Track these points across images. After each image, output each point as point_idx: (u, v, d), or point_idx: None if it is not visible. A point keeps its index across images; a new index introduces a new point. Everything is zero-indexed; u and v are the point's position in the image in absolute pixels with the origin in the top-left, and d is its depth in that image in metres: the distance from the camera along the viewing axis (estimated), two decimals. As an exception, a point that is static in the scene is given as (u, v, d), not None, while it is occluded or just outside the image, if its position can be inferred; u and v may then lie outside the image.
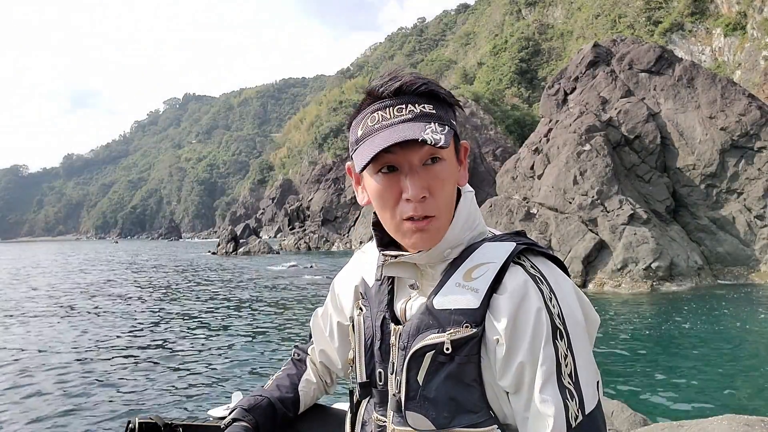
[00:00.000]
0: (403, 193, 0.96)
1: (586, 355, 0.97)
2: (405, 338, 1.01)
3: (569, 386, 0.92)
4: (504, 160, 27.66)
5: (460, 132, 1.07)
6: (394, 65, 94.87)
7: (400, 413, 1.01)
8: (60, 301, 14.95)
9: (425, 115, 0.96)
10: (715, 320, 9.92)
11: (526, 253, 1.02)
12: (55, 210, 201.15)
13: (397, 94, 0.97)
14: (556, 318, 0.94)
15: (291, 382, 1.34)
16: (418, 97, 0.97)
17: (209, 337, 9.55)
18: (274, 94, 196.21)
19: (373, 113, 0.98)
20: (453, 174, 1.00)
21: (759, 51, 31.37)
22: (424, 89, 0.97)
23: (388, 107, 0.97)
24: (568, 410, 0.91)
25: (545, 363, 0.91)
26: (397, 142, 0.91)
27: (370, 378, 1.11)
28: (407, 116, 0.95)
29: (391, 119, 0.96)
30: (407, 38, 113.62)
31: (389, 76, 0.99)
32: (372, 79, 1.15)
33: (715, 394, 5.99)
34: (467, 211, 1.04)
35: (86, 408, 5.85)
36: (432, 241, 0.99)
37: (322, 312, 1.35)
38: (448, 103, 1.01)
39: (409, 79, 0.97)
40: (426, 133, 0.91)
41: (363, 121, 0.99)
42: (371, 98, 1.00)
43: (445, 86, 1.05)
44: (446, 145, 0.91)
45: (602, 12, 49.34)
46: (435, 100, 0.98)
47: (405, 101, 0.96)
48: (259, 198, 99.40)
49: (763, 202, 15.66)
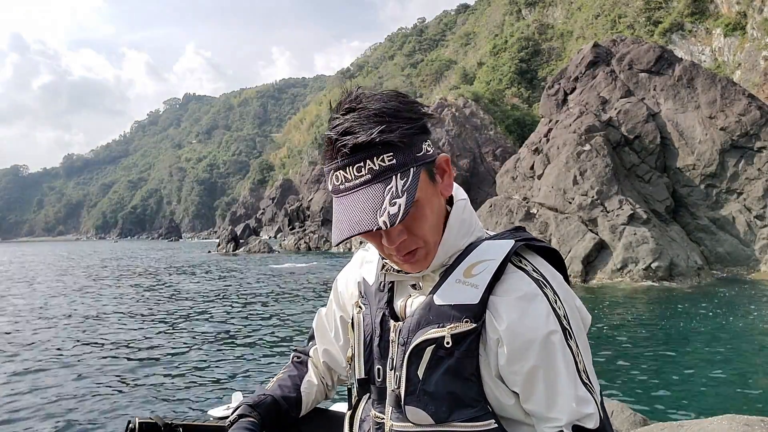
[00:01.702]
0: (382, 240, 0.99)
1: (587, 350, 1.01)
2: (405, 334, 1.02)
3: (587, 381, 0.96)
4: (504, 160, 27.66)
5: (460, 132, 1.07)
6: (395, 66, 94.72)
7: (399, 409, 1.02)
8: (60, 301, 14.95)
9: (385, 170, 0.93)
10: (715, 320, 9.92)
11: (525, 251, 1.03)
12: (55, 210, 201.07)
13: (353, 151, 0.93)
14: (563, 319, 0.96)
15: (293, 383, 1.34)
16: (375, 149, 0.93)
17: (209, 338, 9.54)
18: (274, 94, 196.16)
19: (336, 172, 0.96)
20: (430, 203, 0.99)
21: (759, 51, 31.36)
22: (378, 140, 0.92)
23: (348, 166, 0.94)
24: (597, 404, 0.96)
25: (569, 366, 0.95)
26: (351, 235, 0.92)
27: (369, 375, 1.12)
28: (366, 177, 0.93)
29: (352, 181, 0.94)
30: (407, 38, 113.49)
31: (343, 125, 0.95)
32: (372, 78, 1.13)
33: (715, 393, 5.99)
34: (460, 220, 1.05)
35: (86, 408, 5.85)
36: (423, 265, 1.03)
37: (326, 311, 1.36)
38: (414, 132, 0.96)
39: (362, 136, 0.92)
40: (383, 214, 0.90)
41: (330, 176, 0.98)
42: (330, 150, 0.96)
43: (445, 86, 1.04)
44: (408, 210, 0.91)
45: (602, 12, 49.30)
46: (393, 145, 0.94)
47: (362, 157, 0.93)
48: (259, 198, 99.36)
49: (762, 202, 15.66)
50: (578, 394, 0.94)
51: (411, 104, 0.99)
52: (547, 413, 0.95)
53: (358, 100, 0.97)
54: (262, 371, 7.28)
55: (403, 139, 0.94)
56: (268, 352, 8.41)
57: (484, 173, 40.15)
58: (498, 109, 46.73)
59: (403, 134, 0.94)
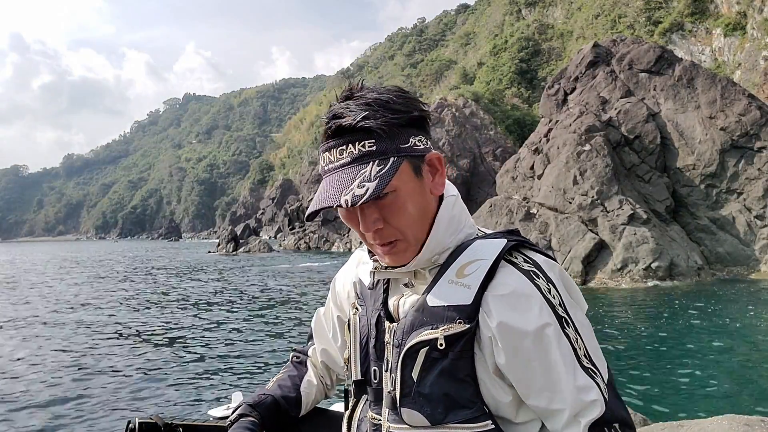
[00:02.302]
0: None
1: (588, 329, 1.00)
2: (399, 335, 1.02)
3: (589, 365, 0.95)
4: (504, 160, 27.66)
5: (460, 132, 1.07)
6: (395, 66, 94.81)
7: (395, 410, 1.02)
8: (60, 302, 14.94)
9: (364, 156, 0.96)
10: (715, 320, 9.92)
11: (517, 248, 1.02)
12: (55, 210, 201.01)
13: (339, 134, 0.97)
14: (558, 308, 0.95)
15: (293, 383, 1.34)
16: (358, 134, 0.96)
17: (209, 337, 9.55)
18: (274, 94, 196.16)
19: (323, 153, 1.01)
20: (412, 196, 0.99)
21: (759, 51, 31.36)
22: (360, 126, 0.95)
23: (332, 149, 0.98)
24: (600, 387, 0.94)
25: (566, 356, 0.94)
26: (317, 209, 0.96)
27: (365, 376, 1.12)
28: (345, 160, 0.97)
29: (334, 163, 0.98)
30: (407, 38, 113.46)
31: (333, 110, 0.99)
32: (372, 79, 1.14)
33: (715, 393, 5.99)
34: (449, 216, 1.04)
35: (86, 408, 5.85)
36: (403, 259, 1.03)
37: (324, 311, 1.36)
38: (402, 124, 0.98)
39: (347, 119, 0.95)
40: (348, 192, 0.93)
41: (320, 158, 1.03)
42: (323, 133, 1.01)
43: (445, 86, 1.04)
44: (374, 194, 0.92)
45: (602, 12, 49.30)
46: (374, 132, 0.95)
47: (346, 141, 0.97)
48: (259, 198, 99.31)
49: (762, 202, 15.66)
50: (578, 384, 0.93)
51: (406, 98, 1.00)
52: (549, 406, 0.95)
53: (358, 89, 1.01)
54: (261, 371, 7.28)
55: (383, 128, 0.95)
56: (268, 351, 8.42)
57: (484, 173, 40.14)
58: (498, 109, 46.71)
59: (386, 123, 0.96)
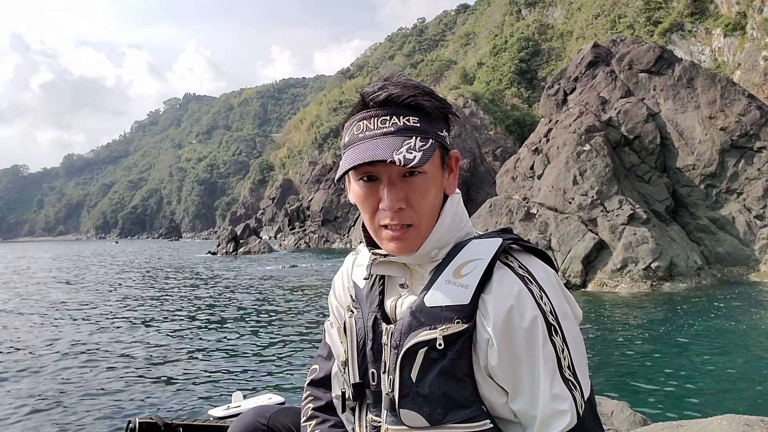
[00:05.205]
0: (381, 203, 0.99)
1: (578, 344, 0.99)
2: (397, 337, 1.02)
3: (570, 378, 0.95)
4: (504, 160, 27.65)
5: (460, 133, 1.08)
6: (395, 65, 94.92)
7: (394, 412, 1.02)
8: (60, 302, 14.95)
9: (408, 129, 0.97)
10: (715, 320, 9.92)
11: (512, 250, 1.03)
12: (56, 210, 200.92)
13: (383, 105, 0.98)
14: (549, 315, 0.96)
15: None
16: (404, 109, 0.98)
17: (209, 338, 9.55)
18: (274, 94, 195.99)
19: (359, 122, 1.00)
20: (435, 184, 1.01)
21: (759, 51, 31.37)
22: (410, 101, 0.97)
23: (373, 117, 0.99)
24: (576, 401, 0.94)
25: (548, 362, 0.94)
26: (365, 161, 0.94)
27: (363, 379, 1.11)
28: (389, 129, 0.97)
29: (373, 130, 0.98)
30: (407, 38, 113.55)
31: (379, 84, 1.00)
32: (372, 79, 1.15)
33: (715, 393, 6.00)
34: (453, 213, 1.06)
35: (87, 408, 5.85)
36: (408, 248, 1.02)
37: (329, 323, 1.30)
38: (440, 114, 1.01)
39: (397, 91, 0.98)
40: (399, 153, 0.93)
41: (350, 127, 1.01)
42: (361, 104, 1.01)
43: (445, 86, 1.05)
44: (420, 164, 0.93)
45: (602, 12, 49.31)
46: (422, 112, 0.99)
47: (390, 113, 0.98)
48: (259, 198, 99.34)
49: (762, 202, 15.66)
50: (553, 391, 0.93)
51: (440, 97, 1.04)
52: (531, 411, 0.96)
53: (397, 76, 1.03)
54: (262, 371, 7.29)
55: (432, 109, 0.99)
56: (268, 351, 8.42)
57: (484, 173, 40.14)
58: (498, 109, 46.71)
59: (434, 106, 0.99)
